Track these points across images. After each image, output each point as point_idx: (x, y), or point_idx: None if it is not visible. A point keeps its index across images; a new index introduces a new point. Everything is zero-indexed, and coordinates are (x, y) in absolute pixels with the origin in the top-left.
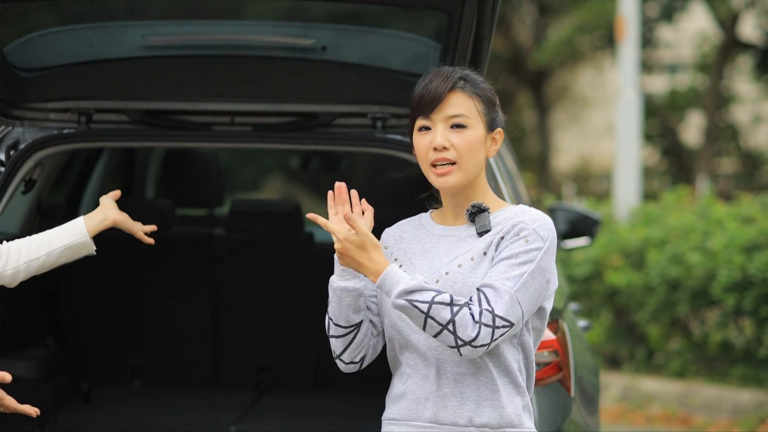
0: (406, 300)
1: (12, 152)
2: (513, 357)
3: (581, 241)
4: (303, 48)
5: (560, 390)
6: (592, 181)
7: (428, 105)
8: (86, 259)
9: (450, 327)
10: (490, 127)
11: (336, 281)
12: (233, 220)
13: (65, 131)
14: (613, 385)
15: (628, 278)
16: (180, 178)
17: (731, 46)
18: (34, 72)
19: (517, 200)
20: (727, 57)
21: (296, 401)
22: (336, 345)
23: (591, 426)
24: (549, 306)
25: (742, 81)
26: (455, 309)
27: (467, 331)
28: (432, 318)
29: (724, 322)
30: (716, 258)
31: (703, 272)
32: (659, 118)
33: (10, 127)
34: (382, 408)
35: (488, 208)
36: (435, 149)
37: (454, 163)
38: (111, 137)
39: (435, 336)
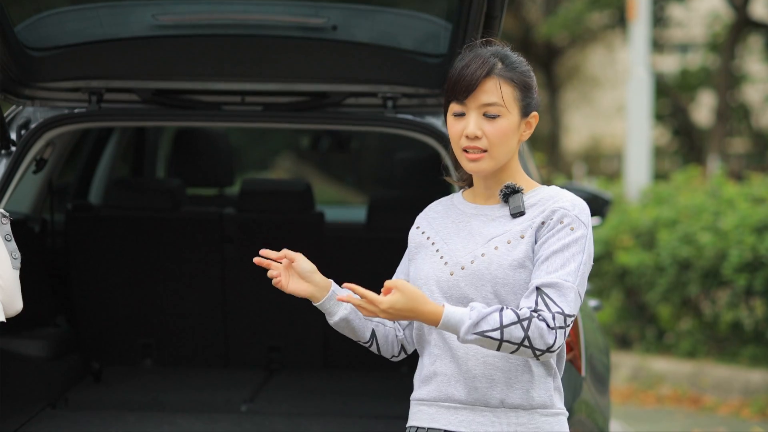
0: (477, 334)
1: (23, 131)
2: None
3: (592, 221)
4: (313, 27)
5: (571, 370)
6: (603, 161)
7: (463, 91)
8: (97, 238)
9: (526, 343)
10: (525, 112)
11: (329, 319)
12: (244, 199)
13: (76, 110)
14: (624, 365)
15: (638, 258)
16: (190, 158)
17: (743, 25)
18: (45, 51)
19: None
20: (738, 36)
21: (306, 381)
22: (370, 350)
23: (601, 406)
24: (584, 291)
25: (753, 60)
26: (525, 324)
27: (544, 339)
28: (507, 342)
29: (734, 302)
30: (727, 238)
31: (713, 252)
32: (670, 98)
33: (21, 107)
34: (391, 387)
35: (522, 189)
36: (467, 137)
37: (485, 151)
38: (121, 116)
39: (511, 353)
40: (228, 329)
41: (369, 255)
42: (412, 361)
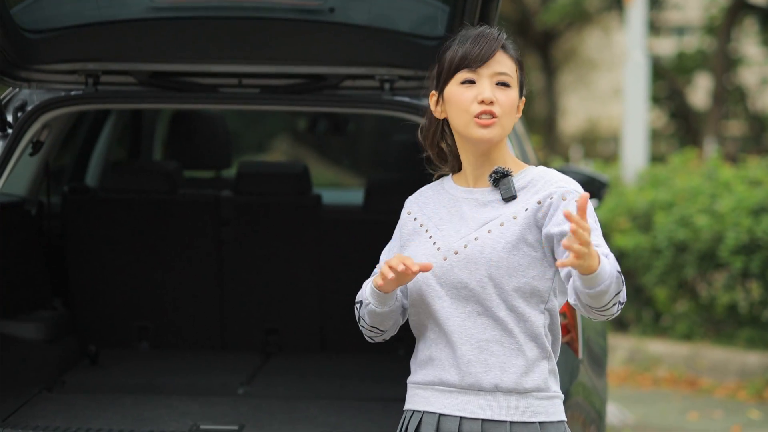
0: (618, 272)
1: (19, 114)
2: (540, 322)
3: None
4: (311, 10)
5: (568, 352)
6: (600, 144)
7: (478, 59)
8: (94, 221)
9: (622, 297)
10: (521, 92)
11: (378, 308)
12: (240, 182)
13: (72, 93)
14: (620, 347)
15: (635, 241)
16: (187, 141)
17: (739, 8)
18: (42, 33)
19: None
20: (734, 19)
21: (303, 363)
22: (368, 335)
23: (598, 388)
24: None
25: (749, 43)
26: (621, 276)
27: (624, 295)
28: (621, 291)
29: (731, 284)
30: (723, 220)
31: (710, 235)
32: (667, 81)
33: (17, 89)
34: (388, 370)
35: (511, 172)
36: (482, 102)
37: (495, 117)
38: (118, 99)
39: (607, 306)
40: (225, 312)
41: (366, 237)
42: (408, 344)
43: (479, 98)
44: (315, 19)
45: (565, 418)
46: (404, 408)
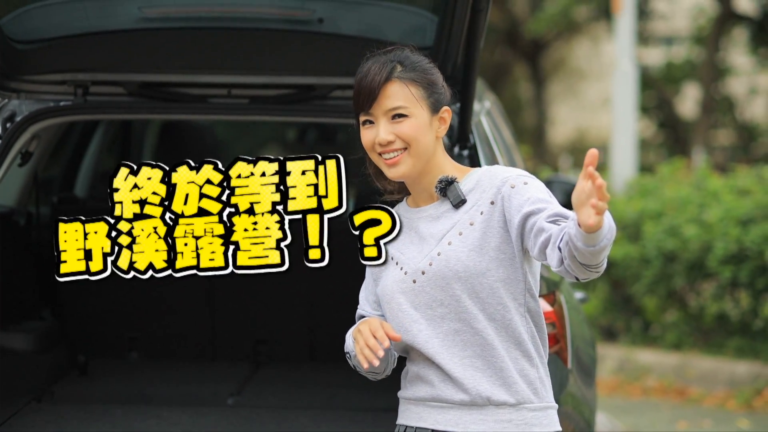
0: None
1: (8, 125)
2: (523, 327)
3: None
4: (300, 20)
5: (557, 362)
6: None
7: (366, 101)
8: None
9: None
10: (434, 108)
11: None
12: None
13: (62, 103)
14: (610, 357)
15: (624, 250)
16: (176, 151)
17: (727, 18)
18: (31, 44)
19: None
20: (723, 29)
21: (293, 373)
22: (369, 377)
23: (587, 398)
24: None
25: (738, 53)
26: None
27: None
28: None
29: (720, 294)
30: (712, 230)
31: (699, 244)
32: (655, 91)
33: (6, 100)
34: (377, 380)
35: (455, 179)
36: (380, 144)
37: (404, 149)
38: (108, 109)
39: (600, 265)
40: (215, 322)
41: (355, 247)
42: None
43: (377, 141)
44: (304, 29)
45: (560, 429)
46: (397, 422)
